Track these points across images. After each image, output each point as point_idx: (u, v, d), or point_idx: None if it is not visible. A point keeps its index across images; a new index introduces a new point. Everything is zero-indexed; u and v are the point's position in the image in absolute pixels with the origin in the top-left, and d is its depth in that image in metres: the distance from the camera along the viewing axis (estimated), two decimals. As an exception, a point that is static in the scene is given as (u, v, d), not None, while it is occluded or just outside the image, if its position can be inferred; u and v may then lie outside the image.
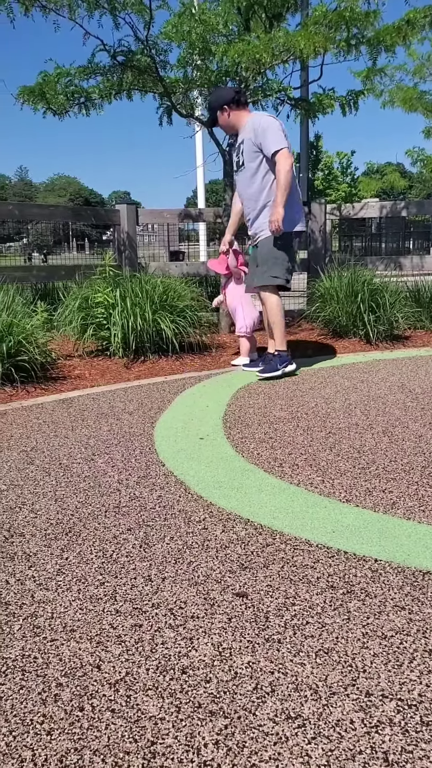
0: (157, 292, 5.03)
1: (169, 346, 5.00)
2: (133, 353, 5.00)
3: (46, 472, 2.65)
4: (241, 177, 4.49)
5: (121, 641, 1.49)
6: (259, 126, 4.28)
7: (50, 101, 5.26)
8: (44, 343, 4.49)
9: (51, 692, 1.33)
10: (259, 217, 4.44)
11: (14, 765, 1.14)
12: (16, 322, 4.29)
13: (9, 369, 4.15)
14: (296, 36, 5.13)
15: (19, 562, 1.89)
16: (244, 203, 4.55)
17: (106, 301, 4.98)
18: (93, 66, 5.44)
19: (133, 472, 2.63)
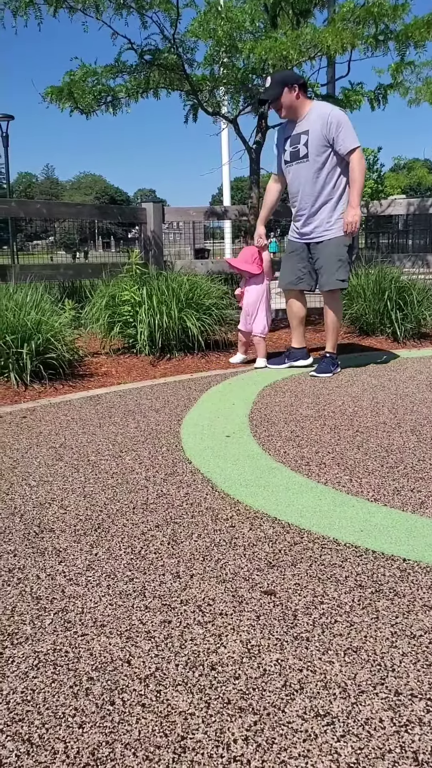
0: (183, 290, 5.05)
1: (194, 343, 5.02)
2: (159, 351, 5.02)
3: (75, 468, 2.68)
4: (301, 169, 4.28)
5: (150, 637, 1.51)
6: (332, 119, 4.12)
7: (78, 101, 5.30)
8: (72, 340, 4.53)
9: (82, 686, 1.35)
10: (319, 214, 4.29)
11: (47, 756, 1.16)
12: (45, 320, 4.33)
13: (38, 366, 4.20)
14: (324, 32, 5.10)
15: (49, 557, 1.92)
16: (298, 197, 4.35)
17: (133, 299, 5.01)
18: (120, 65, 5.47)
19: (161, 469, 2.64)
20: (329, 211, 4.27)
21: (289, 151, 4.35)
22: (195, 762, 1.14)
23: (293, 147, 4.30)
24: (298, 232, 4.46)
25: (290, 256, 4.53)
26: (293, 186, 4.39)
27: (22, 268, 5.55)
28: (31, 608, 1.64)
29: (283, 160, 4.42)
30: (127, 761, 1.15)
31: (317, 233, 4.33)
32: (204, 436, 3.07)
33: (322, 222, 4.29)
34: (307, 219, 4.34)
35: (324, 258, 4.31)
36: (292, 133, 4.31)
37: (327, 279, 4.32)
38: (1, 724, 1.24)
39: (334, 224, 4.27)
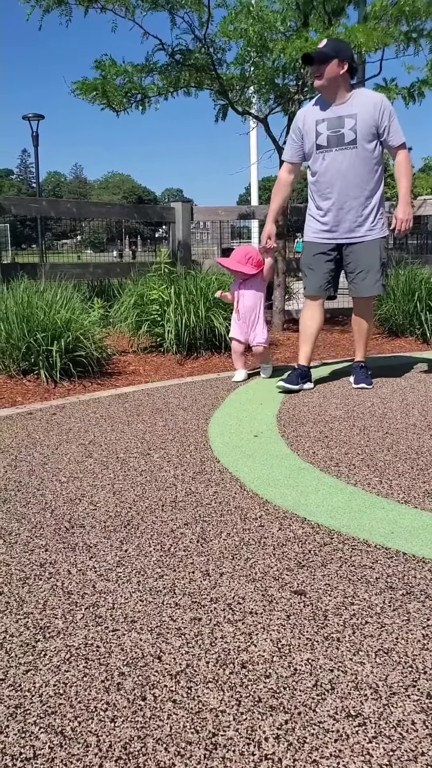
0: (212, 289, 5.06)
1: (221, 343, 5.02)
2: (186, 350, 5.03)
3: (104, 465, 2.70)
4: (342, 157, 3.80)
5: (181, 634, 1.51)
6: (386, 106, 3.75)
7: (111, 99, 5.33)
8: (100, 339, 4.57)
9: (114, 681, 1.36)
10: (361, 210, 3.84)
11: (80, 749, 1.17)
12: (75, 318, 4.37)
13: (67, 364, 4.23)
14: (355, 31, 5.07)
15: (80, 552, 1.93)
16: (334, 189, 3.84)
17: (161, 298, 5.03)
18: (151, 64, 5.50)
19: (189, 467, 2.65)
20: (373, 208, 3.86)
21: (327, 135, 3.81)
22: (226, 759, 1.14)
23: (333, 131, 3.79)
24: (327, 230, 3.95)
25: (317, 259, 4.01)
26: (327, 175, 3.86)
27: (52, 266, 5.61)
28: (62, 602, 1.66)
29: (315, 144, 3.87)
30: (158, 756, 1.15)
31: (357, 232, 3.88)
32: (232, 435, 3.07)
33: (365, 220, 3.86)
34: (345, 215, 3.86)
35: (366, 261, 3.89)
36: (329, 116, 3.82)
37: (369, 284, 3.93)
38: (35, 716, 1.26)
39: (377, 223, 3.88)
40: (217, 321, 4.90)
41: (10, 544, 2.00)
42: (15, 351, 4.24)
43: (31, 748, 1.18)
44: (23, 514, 2.22)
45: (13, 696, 1.32)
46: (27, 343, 4.18)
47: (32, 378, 4.27)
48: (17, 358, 4.25)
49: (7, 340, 4.24)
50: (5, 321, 4.30)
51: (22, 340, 4.20)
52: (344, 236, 3.92)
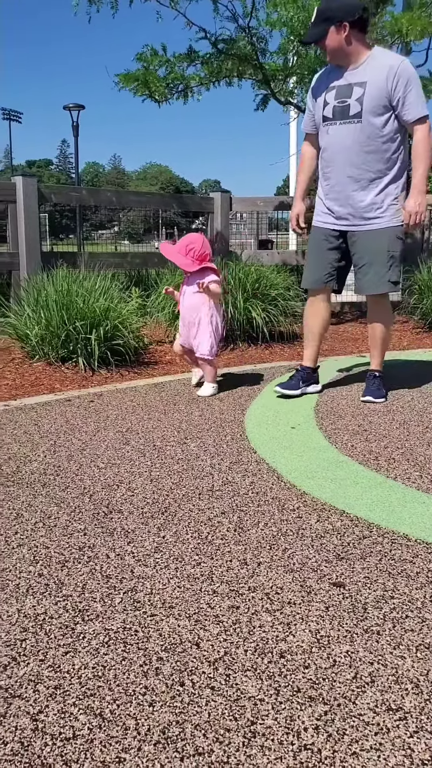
0: (250, 280, 5.04)
1: (258, 334, 5.00)
2: (223, 341, 5.02)
3: (141, 452, 2.71)
4: (346, 132, 3.29)
5: (219, 621, 1.51)
6: (402, 72, 3.16)
7: (152, 90, 5.34)
8: (138, 328, 4.58)
9: (152, 665, 1.36)
10: (365, 194, 3.33)
11: (119, 731, 1.18)
12: (113, 307, 4.39)
13: (105, 352, 4.26)
14: (400, 19, 4.99)
15: (118, 537, 1.94)
16: (335, 167, 3.38)
17: (199, 289, 5.02)
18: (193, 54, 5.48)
19: (225, 457, 2.65)
20: (379, 193, 3.32)
21: (333, 105, 3.31)
22: (265, 747, 1.14)
23: (340, 101, 3.28)
24: (331, 215, 3.47)
25: (318, 246, 3.55)
26: (329, 151, 3.40)
27: (92, 255, 5.64)
28: (101, 586, 1.67)
29: (322, 115, 3.38)
30: (197, 742, 1.15)
31: (361, 220, 3.38)
32: (269, 426, 3.05)
33: (370, 205, 3.33)
34: (346, 198, 3.37)
35: (370, 252, 3.38)
36: (339, 83, 3.29)
37: (373, 279, 3.39)
38: (74, 697, 1.27)
39: (386, 210, 3.33)
40: (255, 312, 4.88)
41: (50, 527, 2.02)
42: (54, 339, 4.28)
43: (71, 728, 1.19)
44: (62, 499, 2.24)
45: (53, 677, 1.33)
46: (66, 331, 4.21)
47: (70, 366, 4.30)
48: (56, 345, 4.28)
49: (47, 328, 4.28)
50: (45, 309, 4.34)
51: (61, 327, 4.23)
52: (348, 222, 3.42)
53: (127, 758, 1.12)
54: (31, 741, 1.16)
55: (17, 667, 1.35)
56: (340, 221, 3.45)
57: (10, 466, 2.55)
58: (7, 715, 1.22)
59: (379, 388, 3.54)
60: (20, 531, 1.99)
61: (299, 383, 3.61)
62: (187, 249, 3.62)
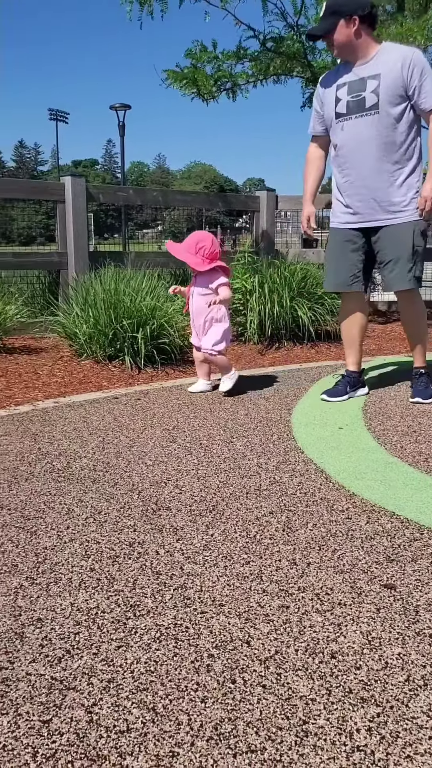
0: (296, 278, 5.02)
1: (304, 333, 4.98)
2: (268, 340, 5.02)
3: (188, 450, 2.73)
4: (363, 125, 3.23)
5: (269, 620, 1.51)
6: (416, 62, 3.13)
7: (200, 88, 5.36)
8: (183, 327, 4.61)
9: (203, 662, 1.37)
10: (386, 187, 3.26)
11: (171, 726, 1.19)
12: (159, 306, 4.42)
13: (151, 351, 4.30)
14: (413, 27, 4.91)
15: (167, 534, 1.96)
16: (353, 162, 3.31)
17: (244, 287, 5.02)
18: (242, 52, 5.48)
19: (272, 457, 2.65)
20: (401, 185, 3.26)
21: (347, 101, 3.27)
22: (318, 747, 1.14)
23: (354, 95, 3.24)
24: (350, 212, 3.40)
25: (340, 248, 3.47)
26: (347, 147, 3.33)
27: (138, 255, 5.69)
28: (151, 582, 1.69)
29: (335, 112, 3.34)
30: (249, 739, 1.16)
31: (384, 214, 3.30)
32: (316, 426, 3.04)
33: (391, 199, 3.27)
34: (368, 193, 3.30)
35: (395, 248, 3.30)
36: (350, 79, 3.27)
37: (400, 275, 3.31)
38: (127, 691, 1.29)
39: (409, 203, 3.26)
40: (301, 311, 4.87)
41: (100, 523, 2.05)
42: (102, 337, 4.33)
43: (125, 721, 1.21)
44: (112, 495, 2.27)
45: (106, 670, 1.35)
46: (114, 329, 4.26)
47: (117, 364, 4.35)
48: (104, 344, 4.34)
49: (95, 327, 4.34)
50: (93, 307, 4.40)
51: (109, 326, 4.28)
52: (369, 219, 3.35)
53: (180, 753, 1.13)
54: (87, 732, 1.18)
55: (71, 660, 1.38)
56: (362, 218, 3.37)
57: (61, 462, 2.59)
58: (63, 706, 1.25)
59: (427, 387, 3.48)
60: (72, 526, 2.03)
61: (346, 388, 3.56)
62: (197, 247, 3.52)
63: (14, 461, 2.60)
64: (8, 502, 2.21)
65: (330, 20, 3.21)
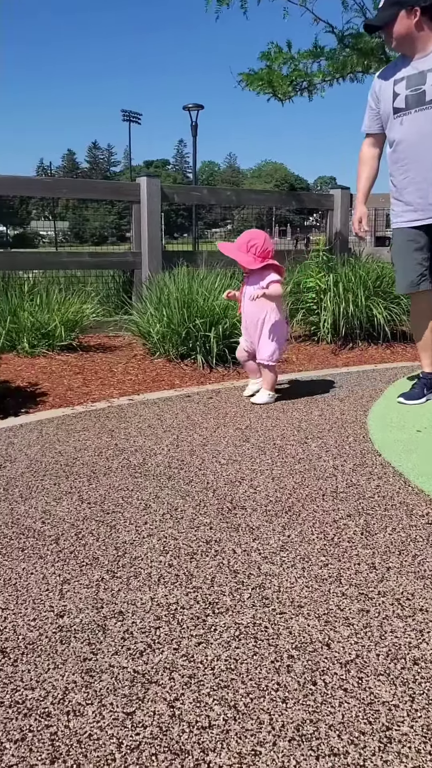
0: (371, 277, 4.95)
1: (380, 333, 4.90)
2: (342, 339, 4.96)
3: (261, 450, 2.73)
4: (429, 118, 3.14)
5: (348, 624, 1.50)
6: None
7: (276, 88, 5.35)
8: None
9: (283, 662, 1.37)
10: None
11: (253, 725, 1.20)
12: (232, 305, 4.43)
13: (223, 350, 4.32)
14: None
15: (243, 533, 1.97)
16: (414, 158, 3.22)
17: (318, 286, 4.98)
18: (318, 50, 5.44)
19: (348, 459, 2.62)
20: None
21: (406, 95, 3.19)
22: (402, 755, 1.12)
23: (413, 89, 3.16)
24: (411, 210, 3.30)
25: (404, 248, 3.37)
26: (406, 143, 3.24)
27: (210, 254, 5.72)
28: (228, 581, 1.70)
29: (393, 107, 3.27)
30: (332, 742, 1.15)
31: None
32: (392, 428, 2.99)
33: None
34: (428, 189, 3.21)
35: None
36: (409, 73, 3.19)
37: None
38: (208, 687, 1.30)
39: None
40: (376, 310, 4.79)
41: (177, 519, 2.07)
42: (175, 336, 4.38)
43: (207, 718, 1.22)
44: (187, 492, 2.29)
45: (187, 666, 1.37)
46: (187, 328, 4.30)
47: (189, 362, 4.39)
48: (177, 342, 4.39)
49: (169, 326, 4.39)
50: (167, 306, 4.45)
51: (182, 325, 4.33)
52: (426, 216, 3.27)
53: (262, 752, 1.14)
54: (169, 726, 1.20)
55: (152, 654, 1.40)
56: (423, 215, 3.26)
57: (137, 458, 2.64)
58: (145, 699, 1.27)
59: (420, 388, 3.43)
60: (149, 521, 2.06)
61: (423, 391, 3.45)
62: (248, 245, 3.41)
63: (93, 456, 2.66)
64: (88, 496, 2.26)
65: (390, 11, 3.14)
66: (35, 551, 1.86)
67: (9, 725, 1.20)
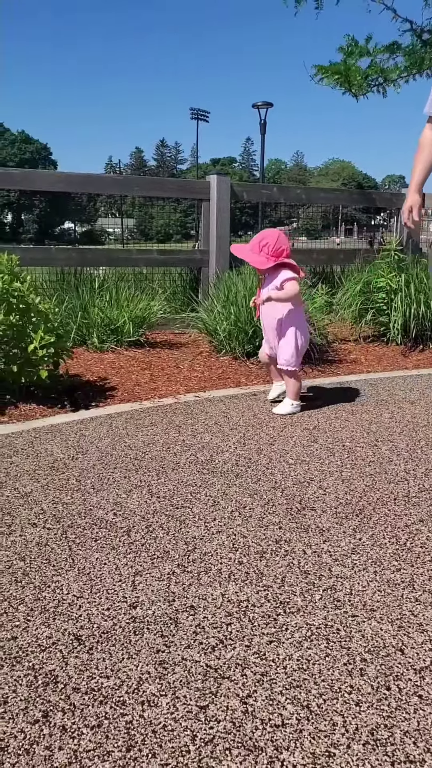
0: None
1: (452, 335, 4.79)
2: (412, 341, 4.87)
3: (330, 451, 2.71)
4: None
5: (423, 630, 1.48)
6: None
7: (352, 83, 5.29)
8: (324, 325, 4.57)
9: (356, 665, 1.36)
10: None
11: (326, 726, 1.19)
12: (301, 304, 4.41)
13: (291, 348, 4.29)
14: None
15: (313, 534, 1.96)
16: None
17: (389, 286, 4.90)
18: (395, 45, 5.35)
19: (420, 463, 2.57)
20: None
21: None
22: None
23: None
24: None
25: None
26: None
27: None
28: (299, 581, 1.69)
29: None
30: (407, 749, 1.14)
31: None
32: (465, 433, 2.92)
33: None
34: None
35: None
36: None
37: None
38: (281, 686, 1.30)
39: None
40: (448, 312, 4.68)
41: (246, 517, 2.08)
42: (242, 334, 4.38)
43: (279, 716, 1.22)
44: (255, 490, 2.29)
45: (259, 663, 1.37)
46: (254, 326, 4.30)
47: (255, 361, 4.39)
48: (243, 341, 4.39)
49: (235, 323, 4.40)
50: (234, 304, 4.46)
51: (249, 323, 4.33)
52: None
53: (336, 753, 1.13)
54: (243, 723, 1.20)
55: (224, 650, 1.41)
56: None
57: (204, 455, 2.65)
58: (218, 694, 1.28)
59: None
60: (218, 518, 2.07)
61: None
62: (260, 246, 3.20)
63: (161, 451, 2.69)
64: (157, 490, 2.29)
65: None
66: (108, 542, 1.90)
67: (86, 711, 1.23)
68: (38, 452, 2.66)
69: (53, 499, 2.20)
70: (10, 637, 1.45)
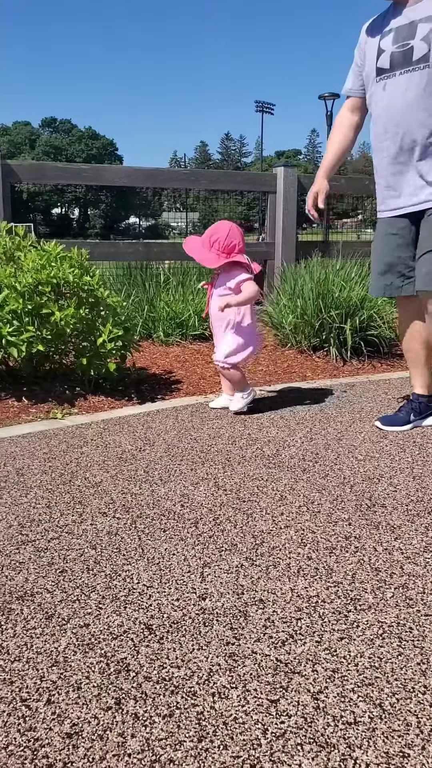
0: None
1: None
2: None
3: (401, 448, 2.66)
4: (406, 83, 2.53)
5: None
6: None
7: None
8: (393, 318, 4.48)
9: (430, 665, 1.33)
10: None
11: (400, 726, 1.17)
12: (369, 297, 4.34)
13: (358, 342, 4.23)
14: None
15: (384, 531, 1.92)
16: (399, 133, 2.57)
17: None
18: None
19: None
20: None
21: (391, 52, 2.57)
22: None
23: (400, 45, 2.54)
24: (394, 196, 2.69)
25: (386, 243, 2.78)
26: (389, 111, 2.62)
27: (345, 244, 5.62)
28: (370, 578, 1.67)
29: (376, 68, 2.65)
30: None
31: (421, 195, 2.60)
32: None
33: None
34: (415, 168, 2.58)
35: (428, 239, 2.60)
36: (399, 23, 2.57)
37: (421, 274, 2.63)
38: (352, 683, 1.28)
39: None
40: None
41: (314, 513, 2.06)
42: (308, 327, 4.35)
43: (351, 714, 1.20)
44: (323, 486, 2.27)
45: (330, 660, 1.35)
46: (321, 319, 4.26)
47: (321, 354, 4.35)
48: (309, 334, 4.35)
49: (302, 316, 4.36)
50: (301, 297, 4.42)
51: (315, 317, 4.29)
52: (416, 202, 2.63)
53: (411, 754, 1.11)
54: (314, 719, 1.19)
55: (294, 645, 1.40)
56: (407, 202, 2.64)
57: (270, 449, 2.64)
58: (289, 689, 1.27)
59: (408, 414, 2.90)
60: (285, 513, 2.06)
61: (409, 416, 2.89)
62: (210, 241, 2.94)
63: (226, 444, 2.70)
64: (224, 483, 2.29)
65: None
66: (176, 533, 1.92)
67: (157, 700, 1.24)
68: (107, 443, 2.71)
69: (122, 489, 2.24)
70: (82, 624, 1.48)
